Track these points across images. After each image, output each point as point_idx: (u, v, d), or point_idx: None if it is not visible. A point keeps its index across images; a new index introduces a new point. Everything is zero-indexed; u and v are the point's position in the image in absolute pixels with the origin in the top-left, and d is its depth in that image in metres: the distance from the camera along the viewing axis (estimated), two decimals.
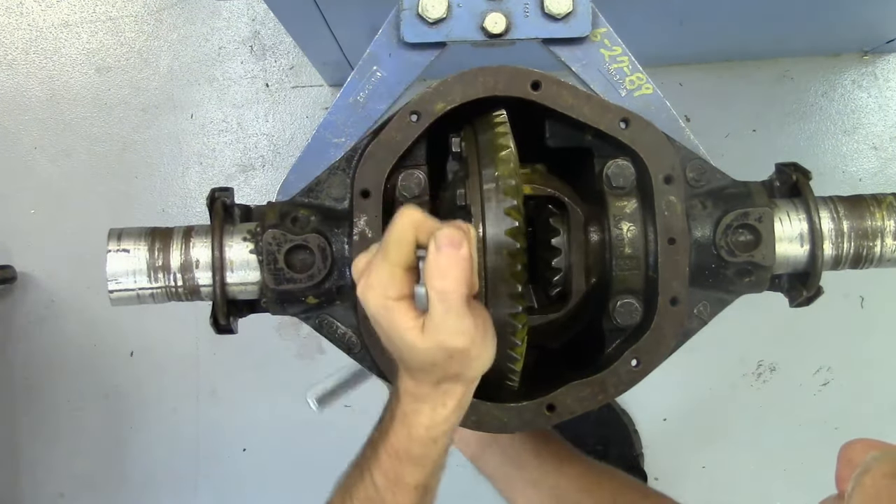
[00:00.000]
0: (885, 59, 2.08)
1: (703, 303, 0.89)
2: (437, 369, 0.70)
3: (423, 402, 0.72)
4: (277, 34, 2.10)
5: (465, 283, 0.66)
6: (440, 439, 0.73)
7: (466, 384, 0.73)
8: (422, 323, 0.68)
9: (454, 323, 0.67)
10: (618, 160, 0.87)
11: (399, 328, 0.68)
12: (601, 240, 0.88)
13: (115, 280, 0.88)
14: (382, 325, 0.70)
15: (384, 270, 0.68)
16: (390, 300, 0.68)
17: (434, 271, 0.65)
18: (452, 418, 0.73)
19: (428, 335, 0.67)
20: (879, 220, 0.90)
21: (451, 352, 0.68)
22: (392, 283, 0.68)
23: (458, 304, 0.66)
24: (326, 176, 0.90)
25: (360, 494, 0.74)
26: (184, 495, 2.11)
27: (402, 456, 0.73)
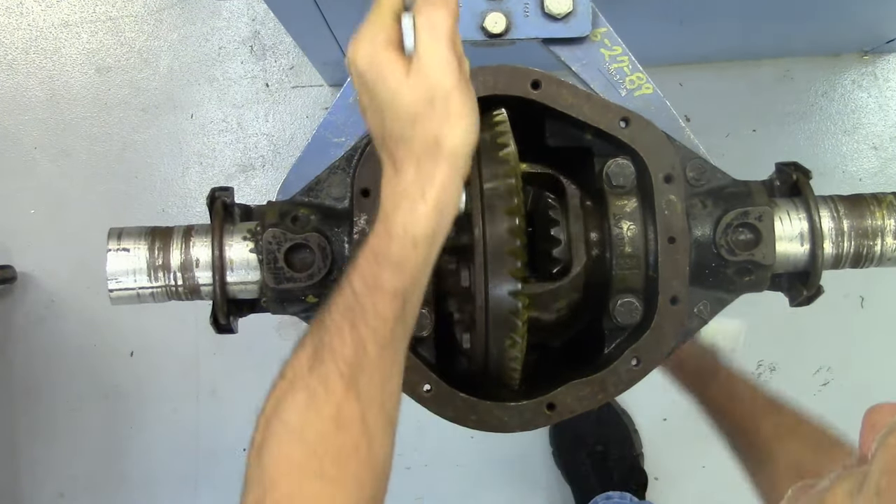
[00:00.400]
0: (885, 59, 2.08)
1: (704, 302, 0.89)
2: (418, 131, 0.67)
3: (402, 197, 0.69)
4: (277, 34, 2.10)
5: (454, 12, 0.66)
6: (420, 242, 0.69)
7: (446, 164, 0.68)
8: (409, 67, 0.67)
9: (440, 54, 0.66)
10: (618, 159, 0.87)
11: (385, 72, 0.67)
12: (601, 240, 0.88)
13: (115, 279, 0.88)
14: (369, 81, 0.69)
15: (374, 19, 0.68)
16: (379, 46, 0.67)
17: None
18: (432, 217, 0.68)
19: (413, 74, 0.67)
20: (880, 219, 0.90)
21: (434, 94, 0.67)
22: (381, 28, 0.68)
23: (445, 35, 0.66)
24: (326, 175, 0.90)
25: (339, 302, 0.70)
26: (184, 495, 2.10)
27: (380, 258, 0.69)
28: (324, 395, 0.68)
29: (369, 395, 0.69)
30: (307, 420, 0.68)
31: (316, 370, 0.69)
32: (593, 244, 0.89)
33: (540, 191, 0.92)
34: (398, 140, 0.69)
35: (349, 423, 0.68)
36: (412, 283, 0.70)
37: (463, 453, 2.04)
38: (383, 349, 0.69)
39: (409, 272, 0.69)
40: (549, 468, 2.02)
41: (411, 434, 1.98)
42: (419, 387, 0.85)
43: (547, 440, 2.01)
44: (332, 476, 0.67)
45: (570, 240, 0.88)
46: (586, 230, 0.88)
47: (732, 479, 2.24)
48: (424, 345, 0.87)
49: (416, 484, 2.03)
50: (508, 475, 2.05)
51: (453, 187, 0.69)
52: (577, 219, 0.88)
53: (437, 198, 0.68)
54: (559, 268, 0.88)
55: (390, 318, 0.69)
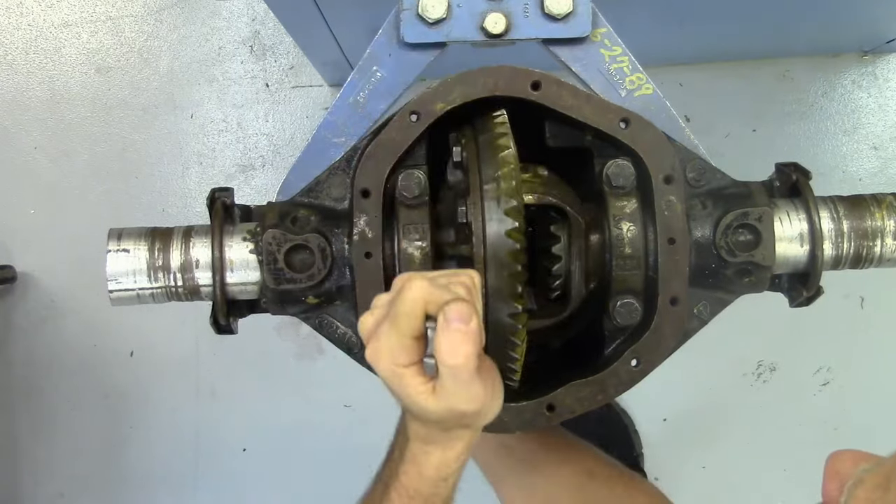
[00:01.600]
0: (885, 59, 2.08)
1: (703, 303, 0.89)
2: (446, 423, 0.72)
3: (432, 445, 0.74)
4: (277, 34, 2.10)
5: (476, 356, 0.67)
6: (450, 478, 0.76)
7: (475, 430, 0.75)
8: (432, 387, 0.69)
9: (465, 392, 0.69)
10: (618, 160, 0.87)
11: (410, 394, 0.70)
12: (601, 244, 0.88)
13: (115, 280, 0.88)
14: (392, 389, 0.72)
15: (393, 339, 0.69)
16: (400, 367, 0.69)
17: (444, 348, 0.66)
18: (462, 458, 0.75)
19: (440, 401, 0.69)
20: (879, 219, 0.90)
21: (463, 414, 0.70)
22: (402, 351, 0.69)
23: (468, 376, 0.68)
24: (326, 176, 0.90)
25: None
26: (183, 495, 2.11)
27: (412, 495, 0.75)
28: None
29: None
30: None
31: None
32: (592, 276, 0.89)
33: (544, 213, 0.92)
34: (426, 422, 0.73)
35: None
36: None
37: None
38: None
39: (441, 501, 0.77)
40: None
41: None
42: None
43: None
44: None
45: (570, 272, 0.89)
46: (587, 264, 0.89)
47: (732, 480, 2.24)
48: None
49: None
50: None
51: (479, 434, 0.76)
52: (580, 253, 0.88)
53: (466, 446, 0.75)
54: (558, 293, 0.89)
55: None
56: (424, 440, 0.75)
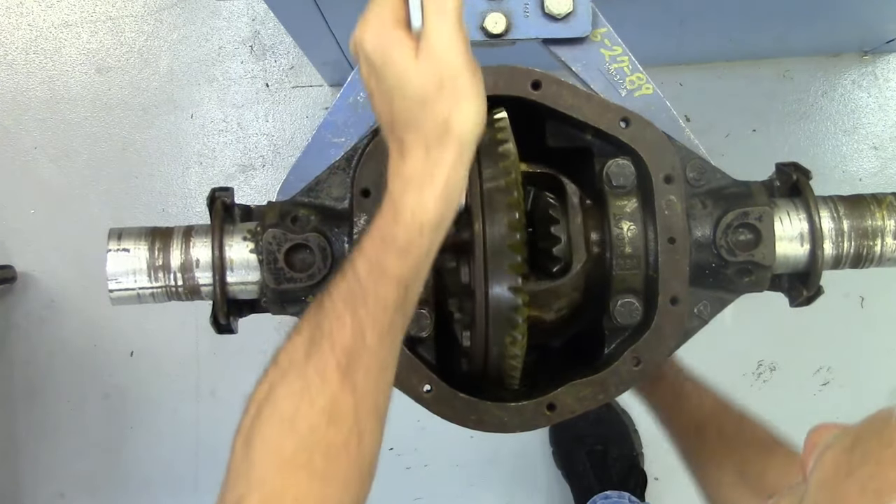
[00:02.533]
0: (885, 59, 2.08)
1: (704, 302, 0.89)
2: (426, 113, 0.67)
3: (410, 182, 0.68)
4: (277, 34, 2.10)
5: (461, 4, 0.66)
6: (426, 227, 0.68)
7: (455, 147, 0.68)
8: (416, 50, 0.66)
9: (448, 34, 0.66)
10: (618, 159, 0.87)
11: (393, 53, 0.66)
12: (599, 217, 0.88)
13: (115, 280, 0.88)
14: (377, 62, 0.68)
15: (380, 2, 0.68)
16: (387, 26, 0.67)
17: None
18: (440, 202, 0.68)
19: (421, 55, 0.66)
20: (880, 219, 0.90)
21: (443, 75, 0.66)
22: (388, 8, 0.67)
23: (453, 15, 0.66)
24: (326, 175, 0.90)
25: (341, 286, 0.69)
26: (184, 495, 2.10)
27: (386, 242, 0.68)
28: (319, 385, 0.66)
29: (364, 388, 0.68)
30: (300, 410, 0.66)
31: (313, 358, 0.67)
32: (593, 242, 0.89)
33: (540, 191, 0.92)
34: (406, 124, 0.68)
35: (342, 417, 0.66)
36: (416, 270, 0.70)
37: (463, 453, 2.03)
38: (382, 338, 0.68)
39: (413, 259, 0.69)
40: (549, 468, 2.02)
41: (411, 434, 1.98)
42: (419, 387, 0.85)
43: (547, 440, 2.01)
44: (322, 472, 0.65)
45: (570, 238, 0.88)
46: (586, 228, 0.88)
47: None
48: (424, 345, 0.87)
49: (416, 484, 2.03)
50: (508, 475, 2.05)
51: (461, 171, 0.69)
52: (577, 217, 0.88)
53: (445, 182, 0.68)
54: (559, 266, 0.88)
55: (391, 306, 0.68)
56: (402, 176, 0.69)
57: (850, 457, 0.53)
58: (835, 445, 0.55)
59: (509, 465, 2.05)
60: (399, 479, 2.03)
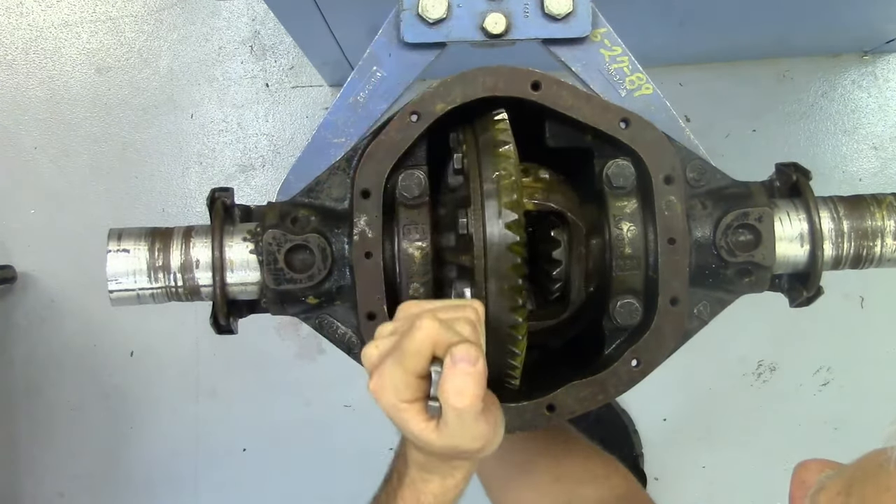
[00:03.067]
0: (885, 59, 2.08)
1: (703, 303, 0.89)
2: (448, 457, 0.73)
3: (432, 473, 0.75)
4: (277, 34, 2.10)
5: (480, 398, 0.67)
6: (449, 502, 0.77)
7: (476, 461, 0.76)
8: (435, 424, 0.69)
9: (469, 433, 0.69)
10: (618, 160, 0.87)
11: (412, 429, 0.70)
12: (601, 246, 0.88)
13: (115, 280, 0.88)
14: (395, 422, 0.72)
15: (398, 376, 0.69)
16: (403, 403, 0.70)
17: (451, 389, 0.67)
18: (461, 486, 0.76)
19: (443, 438, 0.69)
20: (879, 220, 0.89)
21: (462, 449, 0.71)
22: (406, 389, 0.69)
23: (473, 418, 0.68)
24: (326, 176, 0.89)
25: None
26: (184, 495, 2.11)
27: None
28: None
29: None
30: None
31: None
32: (592, 279, 0.89)
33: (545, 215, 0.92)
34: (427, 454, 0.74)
35: None
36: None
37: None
38: None
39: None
40: None
41: None
42: None
43: None
44: None
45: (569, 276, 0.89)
46: (587, 265, 0.88)
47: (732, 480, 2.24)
48: None
49: None
50: None
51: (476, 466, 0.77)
52: (580, 259, 0.88)
53: (466, 474, 0.76)
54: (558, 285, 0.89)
55: None
56: (424, 468, 0.75)
57: (847, 500, 0.53)
58: (828, 487, 0.55)
59: None
60: None
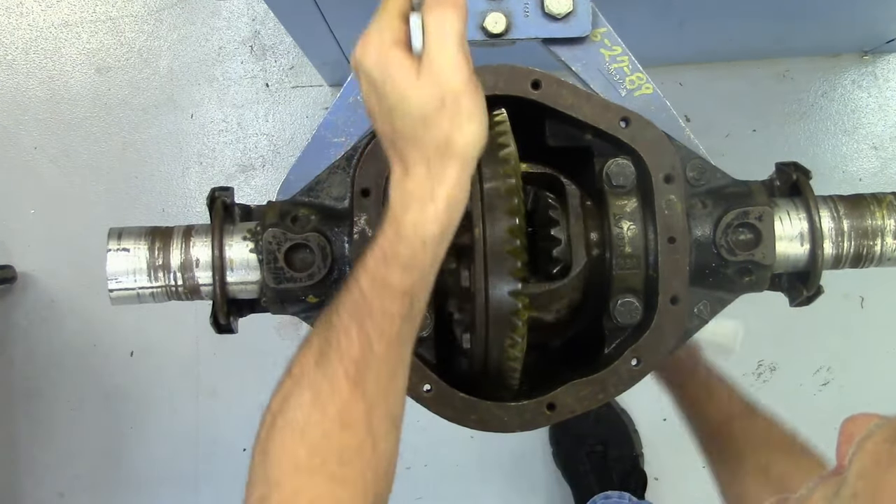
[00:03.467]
0: (885, 59, 2.08)
1: (704, 302, 0.89)
2: (428, 132, 0.67)
3: (412, 198, 0.68)
4: (277, 34, 2.10)
5: (463, 13, 0.66)
6: (429, 242, 0.69)
7: (457, 164, 0.68)
8: (417, 69, 0.66)
9: (450, 54, 0.66)
10: (618, 159, 0.87)
11: (394, 73, 0.66)
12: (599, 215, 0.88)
13: (115, 279, 0.88)
14: (377, 81, 0.68)
15: (381, 19, 0.67)
16: (387, 46, 0.67)
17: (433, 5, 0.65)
18: (442, 218, 0.69)
19: (422, 75, 0.66)
20: (880, 219, 0.90)
21: (445, 94, 0.66)
22: (389, 28, 0.67)
23: (454, 36, 0.66)
24: (326, 175, 0.90)
25: (346, 301, 0.70)
26: (184, 495, 2.10)
27: (389, 257, 0.69)
28: (329, 394, 0.68)
29: (375, 395, 0.69)
30: (312, 418, 0.68)
31: (322, 369, 0.69)
32: (593, 244, 0.89)
33: (540, 191, 0.92)
34: (407, 141, 0.69)
35: (354, 423, 0.69)
36: (420, 282, 0.71)
37: (463, 453, 2.03)
38: (390, 348, 0.70)
39: (417, 271, 0.70)
40: (549, 468, 2.02)
41: (411, 434, 1.97)
42: (419, 387, 0.85)
43: (547, 440, 2.01)
44: (337, 475, 0.68)
45: (570, 240, 0.88)
46: (586, 230, 0.88)
47: None
48: (424, 345, 0.87)
49: (416, 484, 2.03)
50: (508, 475, 2.05)
51: (463, 187, 0.70)
52: (577, 219, 0.88)
53: (447, 198, 0.68)
54: (559, 268, 0.88)
55: (397, 317, 0.70)
56: (404, 191, 0.69)
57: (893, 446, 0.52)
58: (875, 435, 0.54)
59: (509, 465, 2.05)
60: (399, 479, 2.02)
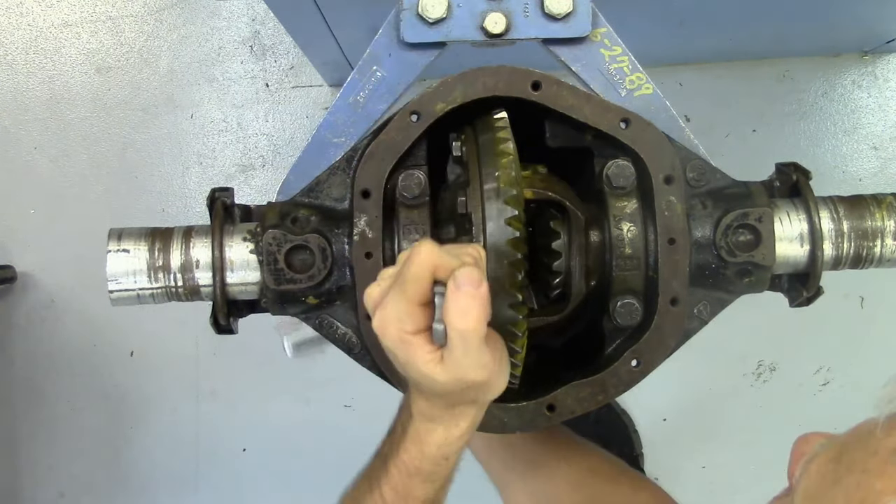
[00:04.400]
0: (885, 59, 2.08)
1: (703, 303, 0.89)
2: (453, 396, 0.71)
3: (436, 423, 0.74)
4: (277, 34, 2.10)
5: (484, 321, 0.67)
6: (451, 457, 0.75)
7: (480, 407, 0.75)
8: (440, 356, 0.68)
9: (475, 359, 0.68)
10: (618, 160, 0.87)
11: (417, 362, 0.69)
12: (601, 242, 0.88)
13: (115, 280, 0.88)
14: (399, 358, 0.70)
15: (401, 305, 0.68)
16: (408, 334, 0.68)
17: (454, 311, 0.66)
18: (465, 437, 0.75)
19: (448, 369, 0.68)
20: (879, 220, 0.90)
21: (471, 384, 0.69)
22: (410, 318, 0.68)
23: (477, 342, 0.67)
24: (326, 176, 0.90)
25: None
26: (184, 495, 2.10)
27: (412, 472, 0.74)
28: None
29: None
30: None
31: None
32: (593, 273, 0.89)
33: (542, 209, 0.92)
34: (431, 395, 0.73)
35: None
36: (442, 488, 0.77)
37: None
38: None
39: (440, 481, 0.76)
40: None
41: None
42: None
43: None
44: None
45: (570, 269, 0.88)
46: (587, 263, 0.88)
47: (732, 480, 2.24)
48: None
49: None
50: None
51: (483, 413, 0.76)
52: (580, 250, 0.88)
53: (470, 424, 0.75)
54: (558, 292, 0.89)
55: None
56: (428, 417, 0.74)
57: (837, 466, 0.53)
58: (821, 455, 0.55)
59: None
60: None
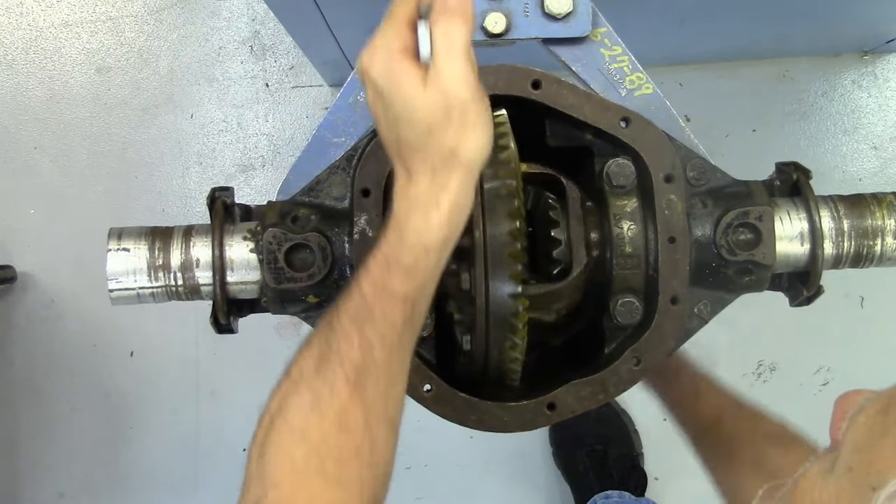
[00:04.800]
0: (885, 59, 2.08)
1: (704, 302, 0.89)
2: (433, 141, 0.67)
3: (416, 205, 0.69)
4: (277, 34, 2.10)
5: (470, 23, 0.66)
6: (432, 249, 0.69)
7: (461, 173, 0.68)
8: (424, 76, 0.66)
9: (457, 65, 0.66)
10: (618, 159, 0.87)
11: (401, 82, 0.66)
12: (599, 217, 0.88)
13: (115, 279, 0.88)
14: (384, 91, 0.68)
15: (388, 27, 0.68)
16: (395, 55, 0.67)
17: (441, 7, 0.65)
18: (445, 225, 0.69)
19: (429, 84, 0.66)
20: (880, 218, 0.90)
21: (451, 105, 0.66)
22: (396, 37, 0.67)
23: (462, 46, 0.66)
24: (327, 175, 0.90)
25: (349, 306, 0.71)
26: (184, 495, 2.10)
27: (391, 263, 0.69)
28: (328, 398, 0.69)
29: (374, 399, 0.70)
30: (311, 421, 0.69)
31: (322, 372, 0.70)
32: (594, 245, 0.89)
33: (540, 191, 0.92)
34: (413, 149, 0.69)
35: (352, 426, 0.69)
36: (422, 288, 0.71)
37: (463, 453, 2.03)
38: (391, 353, 0.70)
39: (419, 278, 0.70)
40: (549, 468, 2.02)
41: (411, 434, 1.97)
42: (419, 387, 0.85)
43: (547, 440, 2.01)
44: (334, 477, 0.68)
45: (570, 241, 0.88)
46: (586, 231, 0.88)
47: None
48: (425, 345, 0.87)
49: (416, 484, 2.03)
50: (508, 475, 2.05)
51: (467, 195, 0.70)
52: (578, 220, 0.88)
53: (451, 206, 0.69)
54: (560, 268, 0.88)
55: (399, 323, 0.70)
56: (408, 199, 0.69)
57: (885, 418, 0.52)
58: (867, 408, 0.55)
59: (509, 465, 2.05)
60: (399, 479, 2.02)
